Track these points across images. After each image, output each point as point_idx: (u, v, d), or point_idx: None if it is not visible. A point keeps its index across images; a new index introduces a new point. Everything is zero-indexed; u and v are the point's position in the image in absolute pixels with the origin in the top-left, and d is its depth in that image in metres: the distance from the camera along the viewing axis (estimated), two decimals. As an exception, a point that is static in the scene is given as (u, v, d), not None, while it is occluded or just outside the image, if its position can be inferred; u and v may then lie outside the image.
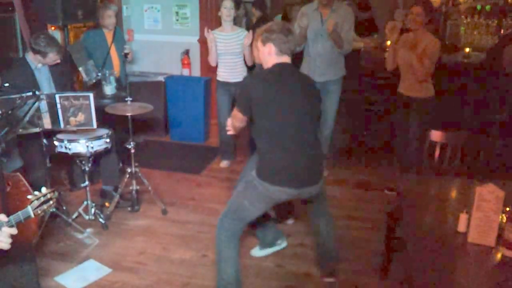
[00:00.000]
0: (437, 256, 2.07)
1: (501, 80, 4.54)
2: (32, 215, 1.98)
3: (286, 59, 2.67)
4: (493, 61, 4.74)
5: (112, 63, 4.75)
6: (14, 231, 1.88)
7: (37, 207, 2.00)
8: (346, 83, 4.54)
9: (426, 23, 3.82)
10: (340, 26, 4.14)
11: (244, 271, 3.20)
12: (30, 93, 2.98)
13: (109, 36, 4.70)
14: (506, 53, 4.56)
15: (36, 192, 2.05)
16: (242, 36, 4.55)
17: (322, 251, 3.07)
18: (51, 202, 2.06)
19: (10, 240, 1.88)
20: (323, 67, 4.29)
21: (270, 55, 2.64)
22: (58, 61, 3.70)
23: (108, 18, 4.63)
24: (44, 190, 2.07)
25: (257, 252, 3.40)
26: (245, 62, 4.68)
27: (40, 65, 3.66)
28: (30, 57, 3.64)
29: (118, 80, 4.83)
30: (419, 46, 3.76)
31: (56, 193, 2.11)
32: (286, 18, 5.97)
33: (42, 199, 2.03)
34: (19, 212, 1.96)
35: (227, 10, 4.47)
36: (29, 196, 2.03)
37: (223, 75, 4.67)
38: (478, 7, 6.55)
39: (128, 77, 4.29)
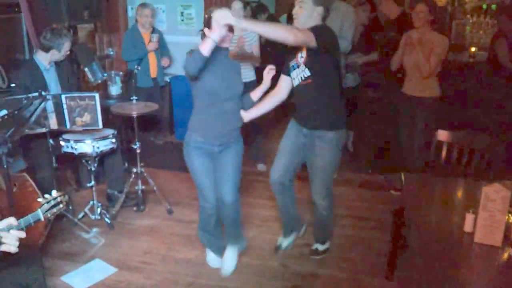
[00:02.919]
0: (443, 256, 2.06)
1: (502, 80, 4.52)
2: (42, 219, 1.97)
3: None
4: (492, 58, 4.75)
5: (149, 64, 4.76)
6: (22, 234, 1.87)
7: (47, 210, 2.00)
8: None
9: (430, 21, 3.81)
10: (340, 24, 4.16)
11: (249, 271, 3.21)
12: (36, 94, 3.00)
13: (146, 36, 4.71)
14: (497, 47, 4.58)
15: (47, 195, 2.04)
16: (251, 37, 4.53)
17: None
18: (61, 205, 2.06)
19: (18, 243, 1.87)
20: None
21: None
22: (69, 51, 3.71)
23: (145, 17, 4.65)
24: (54, 193, 2.06)
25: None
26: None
27: (49, 66, 3.65)
28: (40, 57, 3.62)
29: (155, 80, 4.85)
30: (427, 45, 3.75)
31: (66, 197, 2.11)
32: (291, 17, 5.96)
33: (52, 202, 2.02)
34: (29, 215, 1.94)
35: (236, 11, 4.46)
36: (40, 199, 2.02)
37: None
38: (484, 6, 6.53)
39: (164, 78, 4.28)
